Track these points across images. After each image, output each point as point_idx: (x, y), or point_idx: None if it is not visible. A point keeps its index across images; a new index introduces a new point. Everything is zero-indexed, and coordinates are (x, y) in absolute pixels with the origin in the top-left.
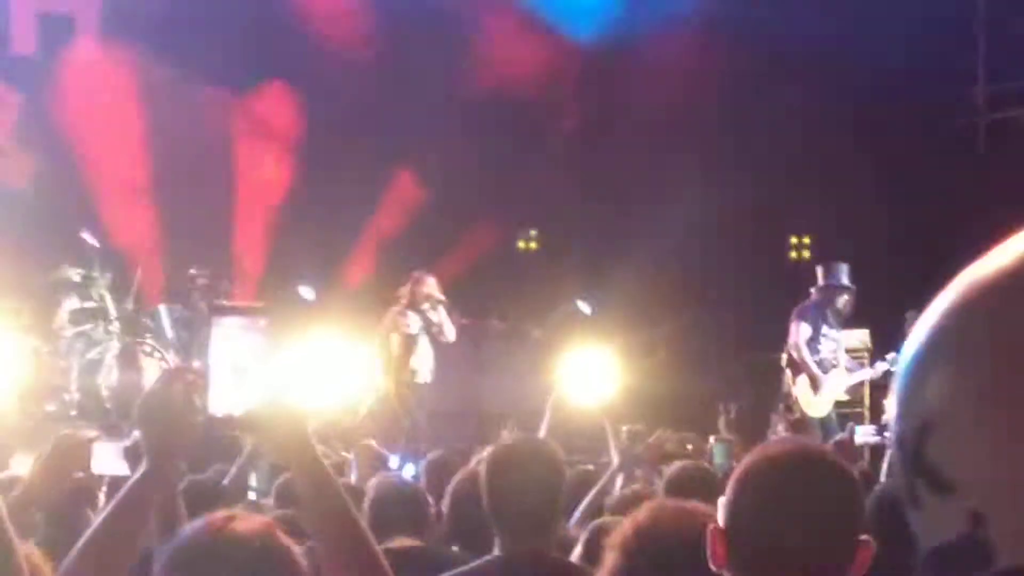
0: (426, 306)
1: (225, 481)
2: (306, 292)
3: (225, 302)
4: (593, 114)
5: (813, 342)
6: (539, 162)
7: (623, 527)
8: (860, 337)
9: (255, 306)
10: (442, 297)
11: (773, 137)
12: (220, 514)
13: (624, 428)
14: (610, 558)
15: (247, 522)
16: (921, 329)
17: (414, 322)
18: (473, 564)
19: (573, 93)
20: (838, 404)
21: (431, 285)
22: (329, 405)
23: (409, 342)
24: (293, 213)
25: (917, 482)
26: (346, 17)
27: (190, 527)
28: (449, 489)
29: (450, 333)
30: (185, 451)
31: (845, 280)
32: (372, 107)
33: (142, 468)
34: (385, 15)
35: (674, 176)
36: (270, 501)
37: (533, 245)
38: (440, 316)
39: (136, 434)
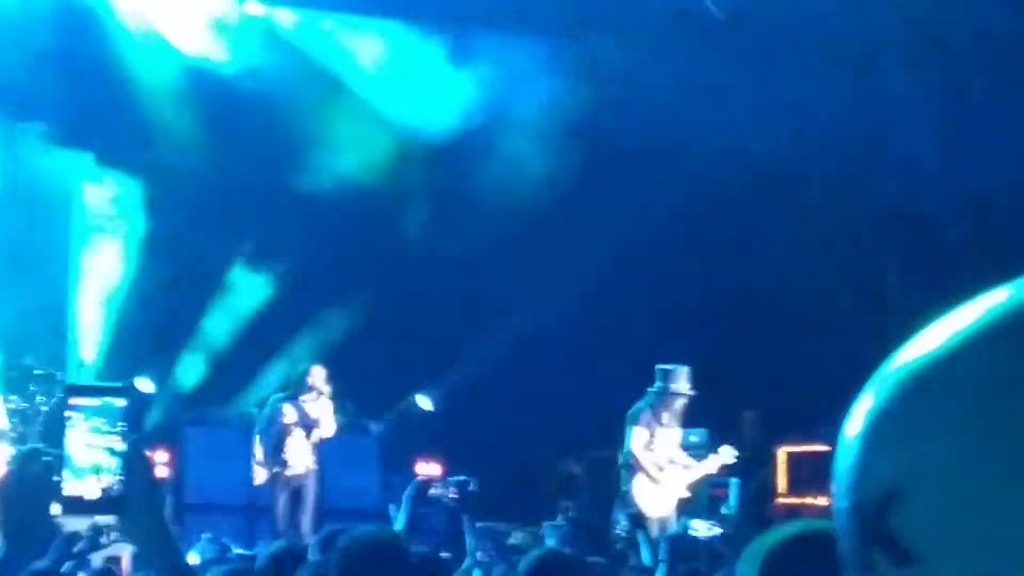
0: (311, 396)
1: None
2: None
3: (81, 382)
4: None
5: (648, 444)
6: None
7: None
8: (699, 436)
9: (113, 386)
10: (325, 389)
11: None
12: None
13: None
14: None
15: None
16: (871, 402)
17: (290, 413)
18: None
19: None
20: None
21: (317, 376)
22: None
23: (283, 432)
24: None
25: (875, 553)
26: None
27: None
28: None
29: (327, 428)
30: (41, 531)
31: (684, 386)
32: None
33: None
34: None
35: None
36: None
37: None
38: (321, 409)
39: None
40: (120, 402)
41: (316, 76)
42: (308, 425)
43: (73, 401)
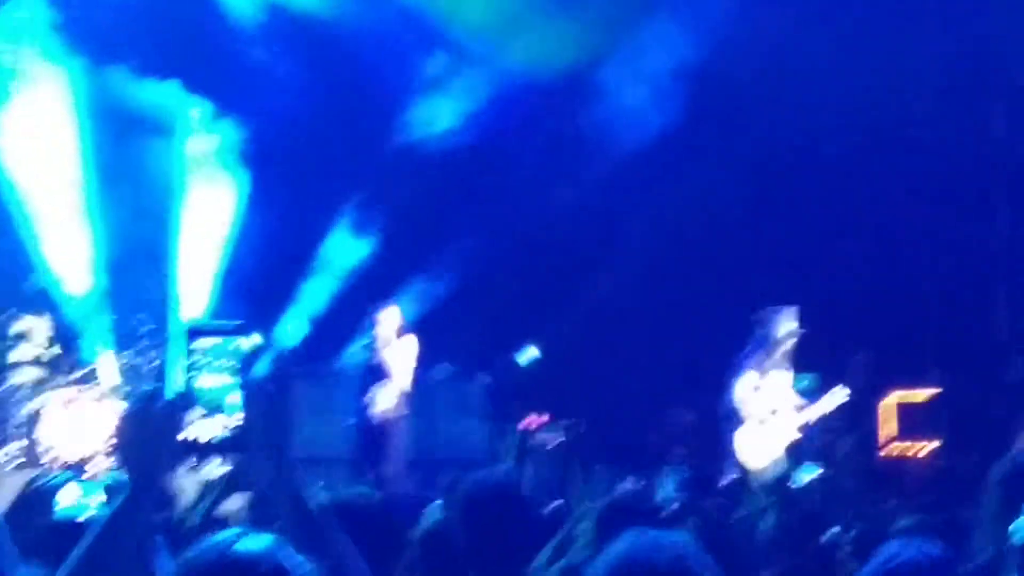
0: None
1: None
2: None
3: (202, 321)
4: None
5: (757, 389)
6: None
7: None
8: (808, 380)
9: (232, 324)
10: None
11: None
12: (227, 532)
13: None
14: None
15: (254, 541)
16: None
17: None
18: None
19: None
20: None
21: (388, 320)
22: None
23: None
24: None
25: None
26: None
27: (197, 547)
28: None
29: (405, 374)
30: (165, 471)
31: (791, 327)
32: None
33: (123, 493)
34: None
35: None
36: None
37: None
38: (397, 354)
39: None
40: (242, 341)
41: (415, 20)
42: (384, 372)
43: (194, 343)
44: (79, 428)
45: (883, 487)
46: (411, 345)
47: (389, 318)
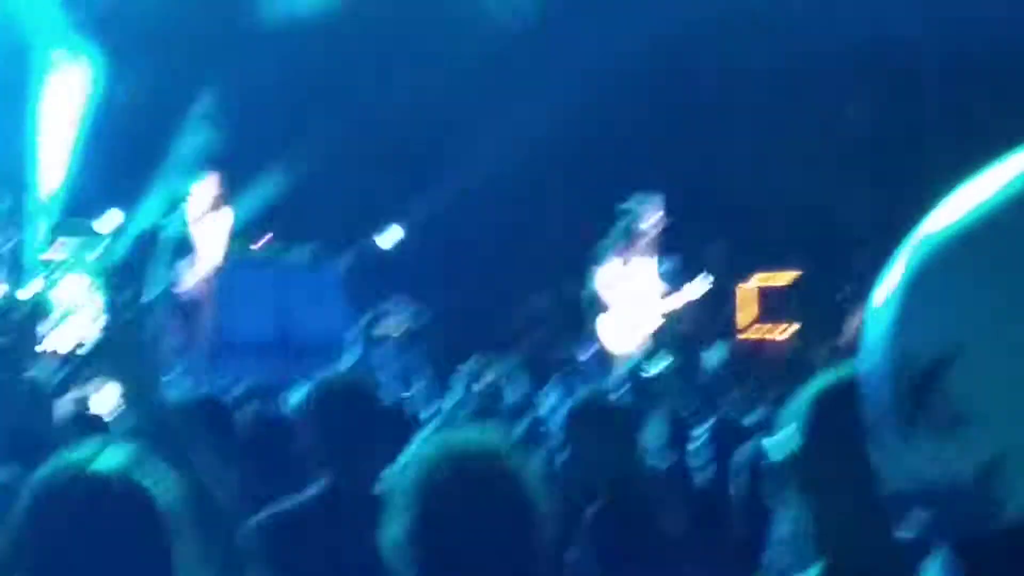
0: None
1: None
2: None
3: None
4: None
5: (617, 278)
6: None
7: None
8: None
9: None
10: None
11: None
12: (85, 448)
13: None
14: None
15: (110, 457)
16: (909, 269)
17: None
18: None
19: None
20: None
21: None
22: None
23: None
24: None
25: (918, 416)
26: None
27: (52, 464)
28: None
29: (215, 248)
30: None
31: (652, 219)
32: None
33: None
34: None
35: None
36: None
37: None
38: (209, 226)
39: None
40: (94, 252)
41: None
42: (192, 244)
43: (48, 254)
44: None
45: (741, 371)
46: (225, 218)
47: (204, 188)
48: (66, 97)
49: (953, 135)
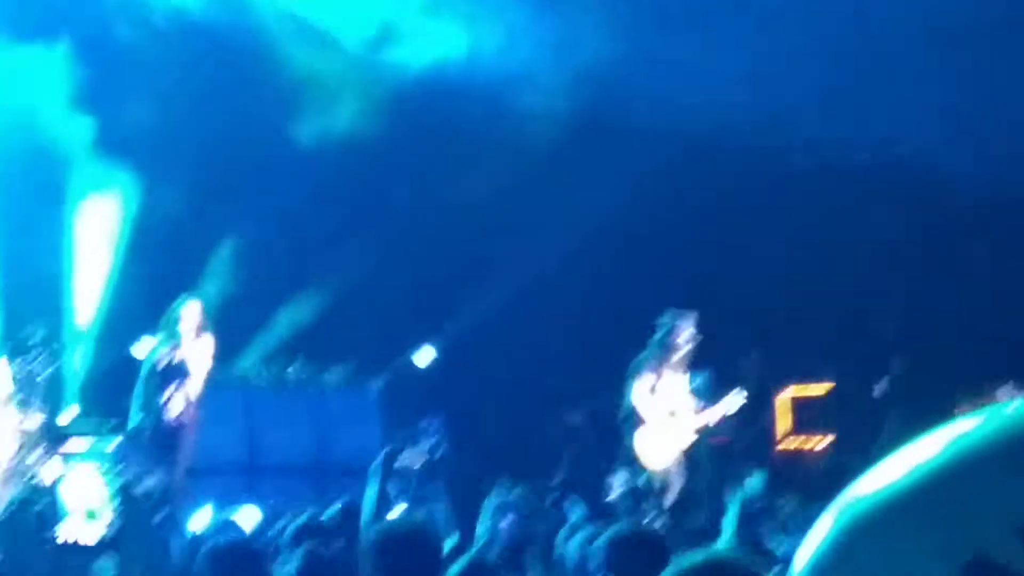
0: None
1: None
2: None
3: (77, 425)
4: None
5: (652, 394)
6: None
7: None
8: (701, 378)
9: (106, 426)
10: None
11: None
12: None
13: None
14: None
15: None
16: (817, 540)
17: (166, 358)
18: None
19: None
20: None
21: (190, 315)
22: None
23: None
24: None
25: None
26: None
27: None
28: None
29: (199, 376)
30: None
31: (688, 335)
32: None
33: None
34: None
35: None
36: None
37: None
38: (195, 354)
39: None
40: (110, 444)
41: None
42: (181, 371)
43: (64, 448)
44: None
45: (780, 481)
46: (207, 345)
47: (190, 313)
48: (101, 221)
49: (985, 241)
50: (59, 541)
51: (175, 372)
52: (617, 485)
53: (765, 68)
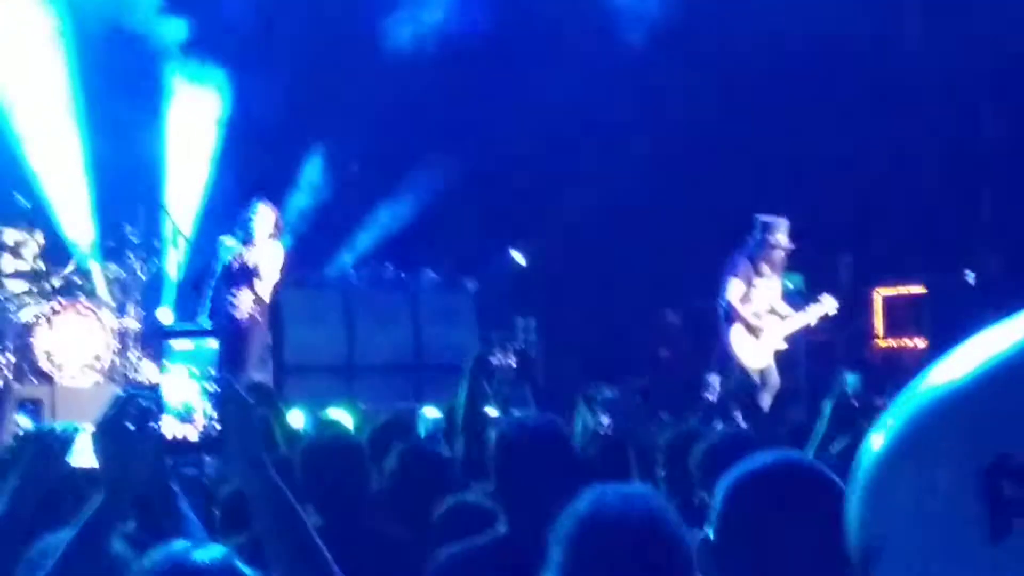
0: (259, 240)
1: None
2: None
3: (175, 326)
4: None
5: (746, 295)
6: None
7: (564, 519)
8: (795, 282)
9: (204, 328)
10: (273, 232)
11: None
12: (179, 544)
13: None
14: (555, 553)
15: (207, 552)
16: (875, 448)
17: (236, 257)
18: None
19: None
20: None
21: (262, 218)
22: None
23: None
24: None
25: None
26: None
27: (149, 558)
28: None
29: (269, 277)
30: (141, 479)
31: (784, 239)
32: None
33: (98, 500)
34: None
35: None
36: None
37: None
38: (265, 255)
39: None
40: (213, 344)
41: None
42: (251, 272)
43: (167, 346)
44: (67, 340)
45: (878, 379)
46: (277, 250)
47: (262, 217)
48: (195, 121)
49: None
50: (163, 437)
51: (245, 274)
52: (715, 385)
53: None
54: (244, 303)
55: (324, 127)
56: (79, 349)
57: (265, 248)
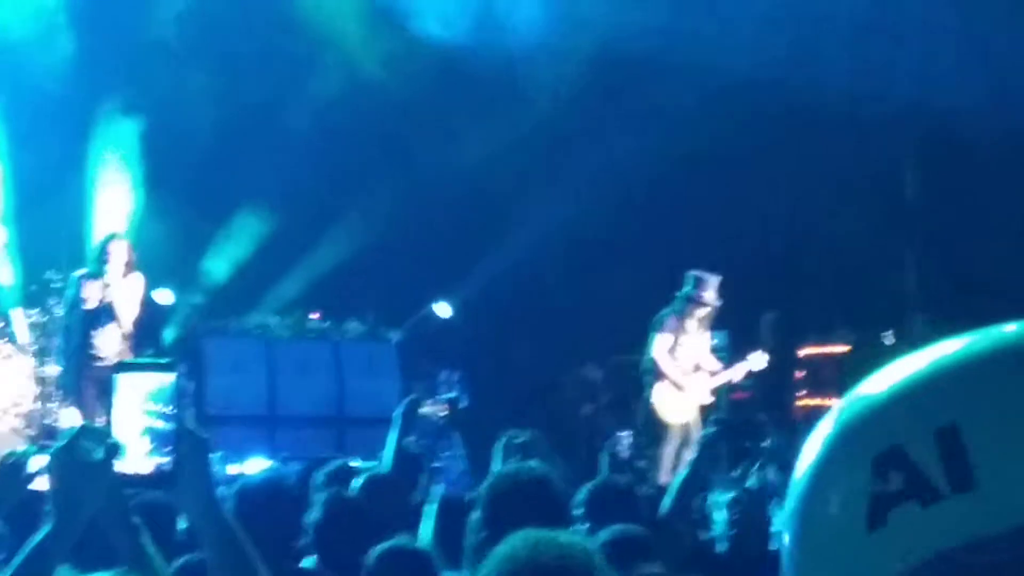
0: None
1: None
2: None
3: (129, 359)
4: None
5: (673, 350)
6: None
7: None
8: (720, 338)
9: (160, 362)
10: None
11: None
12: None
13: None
14: None
15: None
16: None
17: (94, 293)
18: None
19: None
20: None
21: (116, 251)
22: None
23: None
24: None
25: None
26: None
27: None
28: None
29: (131, 312)
30: (92, 508)
31: (712, 296)
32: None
33: (47, 525)
34: None
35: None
36: None
37: None
38: (127, 290)
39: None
40: (168, 378)
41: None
42: (112, 310)
43: (121, 378)
44: None
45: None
46: (137, 283)
47: (117, 251)
48: (120, 172)
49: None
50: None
51: (108, 312)
52: (624, 442)
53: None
54: (111, 342)
55: (247, 176)
56: (4, 393)
57: (122, 283)
